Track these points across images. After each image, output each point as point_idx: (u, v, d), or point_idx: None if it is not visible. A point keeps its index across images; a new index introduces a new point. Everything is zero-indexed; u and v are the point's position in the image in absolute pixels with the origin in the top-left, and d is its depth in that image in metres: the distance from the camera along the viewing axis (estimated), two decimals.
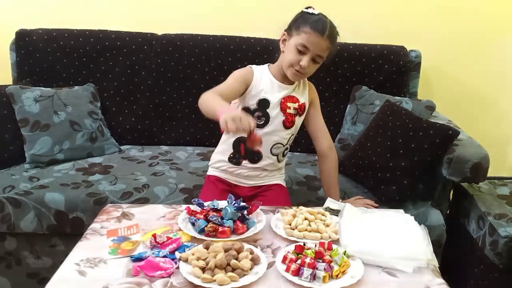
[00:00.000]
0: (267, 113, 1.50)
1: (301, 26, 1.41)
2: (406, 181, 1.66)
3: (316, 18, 1.42)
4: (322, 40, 1.40)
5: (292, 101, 1.52)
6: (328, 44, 1.42)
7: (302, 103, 1.55)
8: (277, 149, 1.56)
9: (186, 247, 1.12)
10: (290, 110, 1.52)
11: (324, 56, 1.44)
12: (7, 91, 1.86)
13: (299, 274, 1.03)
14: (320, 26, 1.40)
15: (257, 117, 1.50)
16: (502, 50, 2.31)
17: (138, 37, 2.11)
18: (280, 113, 1.51)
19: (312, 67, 1.46)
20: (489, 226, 1.58)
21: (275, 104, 1.50)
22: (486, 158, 1.60)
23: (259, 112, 1.50)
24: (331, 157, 1.59)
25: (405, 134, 1.69)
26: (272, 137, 1.53)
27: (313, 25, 1.40)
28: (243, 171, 1.56)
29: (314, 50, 1.41)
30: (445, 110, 2.13)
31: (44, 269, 1.74)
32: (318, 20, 1.41)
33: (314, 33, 1.39)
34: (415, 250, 1.12)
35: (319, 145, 1.59)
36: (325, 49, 1.42)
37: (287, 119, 1.52)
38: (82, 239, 1.19)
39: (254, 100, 1.49)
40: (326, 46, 1.42)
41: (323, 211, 1.32)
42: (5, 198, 1.64)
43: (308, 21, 1.41)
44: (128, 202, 1.63)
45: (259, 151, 1.52)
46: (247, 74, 1.50)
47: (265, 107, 1.50)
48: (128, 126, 2.13)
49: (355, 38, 2.13)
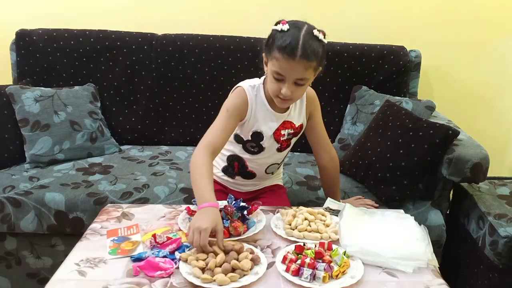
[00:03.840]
0: (261, 144, 1.42)
1: (272, 49, 1.23)
2: (406, 181, 1.66)
3: (284, 37, 1.20)
4: (295, 63, 1.20)
5: (286, 127, 1.42)
6: (305, 63, 1.20)
7: (299, 125, 1.45)
8: (272, 169, 1.52)
9: (186, 247, 1.12)
10: (284, 137, 1.43)
11: (306, 77, 1.24)
12: (7, 91, 1.86)
13: (299, 274, 1.03)
14: (289, 48, 1.19)
15: (251, 147, 1.43)
16: (502, 50, 2.31)
17: (138, 37, 2.11)
18: (274, 142, 1.43)
19: (298, 91, 1.27)
20: (489, 226, 1.58)
21: (269, 136, 1.40)
22: (486, 158, 1.60)
23: (252, 143, 1.42)
24: (330, 170, 1.52)
25: (405, 134, 1.69)
26: (267, 160, 1.48)
27: (281, 49, 1.19)
28: (238, 181, 1.54)
29: (290, 76, 1.22)
30: (445, 110, 2.13)
31: (44, 269, 1.75)
32: (286, 40, 1.19)
33: (283, 57, 1.20)
34: (415, 250, 1.12)
35: (319, 159, 1.52)
36: (303, 71, 1.22)
37: (282, 145, 1.45)
38: (82, 239, 1.19)
39: (247, 131, 1.40)
40: (303, 68, 1.21)
41: (323, 211, 1.32)
42: (5, 198, 1.64)
43: (276, 44, 1.21)
44: (128, 202, 1.64)
45: (252, 172, 1.50)
46: (241, 105, 1.34)
47: (258, 139, 1.41)
48: (128, 126, 2.13)
49: (355, 38, 2.13)
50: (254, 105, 1.37)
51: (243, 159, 1.47)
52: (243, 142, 1.44)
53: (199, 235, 1.06)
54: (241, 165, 1.49)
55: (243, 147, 1.45)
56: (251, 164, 1.48)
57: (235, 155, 1.47)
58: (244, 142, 1.43)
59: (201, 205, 1.14)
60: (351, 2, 2.23)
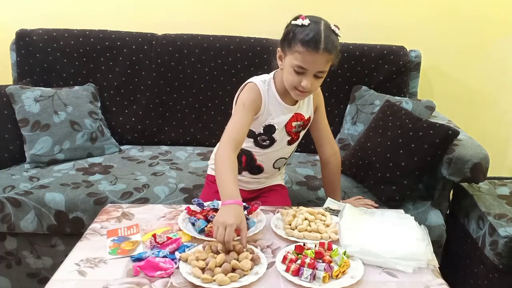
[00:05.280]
0: (273, 137, 1.44)
1: (293, 44, 1.26)
2: (406, 181, 1.66)
3: (307, 31, 1.24)
4: (318, 56, 1.24)
5: (297, 119, 1.45)
6: (327, 56, 1.26)
7: (308, 117, 1.49)
8: (280, 163, 1.54)
9: (186, 247, 1.12)
10: (295, 129, 1.47)
11: (326, 69, 1.30)
12: (7, 91, 1.86)
13: (299, 274, 1.03)
14: (313, 42, 1.23)
15: (262, 140, 1.45)
16: (502, 50, 2.31)
17: (138, 37, 2.11)
18: (285, 135, 1.46)
19: (316, 83, 1.32)
20: (489, 226, 1.58)
21: (281, 129, 1.44)
22: (486, 158, 1.60)
23: (264, 136, 1.44)
24: (332, 164, 1.54)
25: (405, 134, 1.69)
26: (276, 154, 1.50)
27: (305, 43, 1.23)
28: (243, 178, 1.54)
29: (313, 69, 1.27)
30: (445, 110, 2.13)
31: (44, 269, 1.75)
32: (309, 34, 1.24)
33: (308, 51, 1.23)
34: (415, 250, 1.12)
35: (321, 152, 1.55)
36: (324, 64, 1.27)
37: (292, 138, 1.48)
38: (82, 239, 1.19)
39: (260, 125, 1.42)
40: (325, 60, 1.26)
41: (323, 211, 1.33)
42: (5, 198, 1.64)
43: (299, 38, 1.24)
44: (128, 202, 1.64)
45: (260, 166, 1.51)
46: (256, 99, 1.37)
47: (270, 132, 1.43)
48: (128, 126, 2.13)
49: (355, 38, 2.13)
50: (267, 99, 1.40)
51: (252, 153, 1.48)
52: (255, 137, 1.45)
53: (224, 230, 1.07)
54: (249, 159, 1.49)
55: (254, 141, 1.46)
56: (260, 158, 1.49)
57: (244, 149, 1.47)
58: (255, 136, 1.45)
59: (226, 202, 1.15)
60: (351, 2, 2.23)
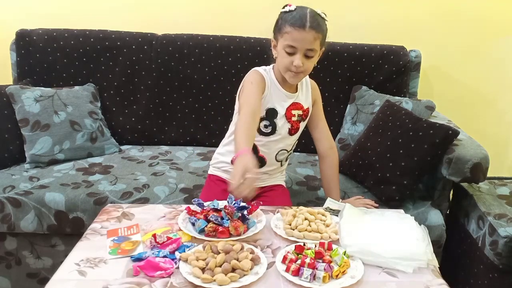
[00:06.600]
0: (275, 122, 1.49)
1: (282, 27, 1.38)
2: (406, 181, 1.66)
3: (293, 14, 1.37)
4: (305, 33, 1.35)
5: (296, 108, 1.52)
6: (314, 34, 1.36)
7: (307, 108, 1.54)
8: (282, 155, 1.56)
9: (186, 247, 1.12)
10: (295, 118, 1.52)
11: (315, 48, 1.39)
12: (7, 91, 1.86)
13: (299, 274, 1.03)
14: (299, 21, 1.35)
15: (264, 126, 1.49)
16: (502, 50, 2.31)
17: (138, 37, 2.11)
18: (286, 122, 1.51)
19: (309, 63, 1.41)
20: (489, 226, 1.58)
21: (282, 114, 1.49)
22: (486, 158, 1.60)
23: (266, 121, 1.49)
24: (331, 158, 1.58)
25: (405, 134, 1.69)
26: (277, 144, 1.53)
27: (292, 22, 1.36)
28: None
29: (302, 46, 1.36)
30: (445, 110, 2.13)
31: (44, 269, 1.75)
32: (295, 16, 1.36)
33: (295, 29, 1.35)
34: (415, 250, 1.12)
35: (320, 145, 1.59)
36: (312, 41, 1.37)
37: (293, 126, 1.52)
38: (82, 239, 1.19)
39: (263, 108, 1.47)
40: (312, 38, 1.36)
41: (323, 211, 1.32)
42: (5, 198, 1.64)
43: (287, 20, 1.37)
44: (128, 202, 1.64)
45: (263, 157, 1.52)
46: (261, 79, 1.46)
47: (272, 116, 1.49)
48: (128, 126, 2.13)
49: (355, 38, 2.13)
50: (270, 84, 1.48)
51: (255, 143, 1.49)
52: None
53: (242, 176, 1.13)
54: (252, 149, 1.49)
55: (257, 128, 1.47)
56: (262, 148, 1.51)
57: None
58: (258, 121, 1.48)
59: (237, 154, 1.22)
60: (351, 2, 2.23)
